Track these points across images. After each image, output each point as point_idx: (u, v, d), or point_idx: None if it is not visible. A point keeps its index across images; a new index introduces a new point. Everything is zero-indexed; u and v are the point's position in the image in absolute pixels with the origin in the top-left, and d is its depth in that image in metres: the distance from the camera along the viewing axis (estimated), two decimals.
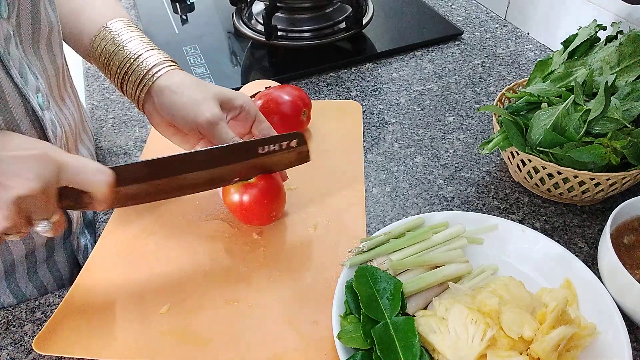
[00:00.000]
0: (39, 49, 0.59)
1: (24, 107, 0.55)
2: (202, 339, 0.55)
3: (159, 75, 0.61)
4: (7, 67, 0.52)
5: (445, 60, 0.98)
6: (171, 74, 0.61)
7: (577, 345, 0.50)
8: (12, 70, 0.52)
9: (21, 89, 0.54)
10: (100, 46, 0.63)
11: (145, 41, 0.64)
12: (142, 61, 0.61)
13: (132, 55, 0.62)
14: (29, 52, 0.57)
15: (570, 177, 0.62)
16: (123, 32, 0.63)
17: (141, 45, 0.63)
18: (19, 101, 0.54)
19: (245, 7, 1.09)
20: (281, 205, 0.65)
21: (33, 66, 0.57)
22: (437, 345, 0.48)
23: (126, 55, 0.62)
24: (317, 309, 0.57)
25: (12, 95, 0.53)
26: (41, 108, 0.57)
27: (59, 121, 0.62)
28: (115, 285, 0.60)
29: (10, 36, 0.52)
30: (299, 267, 0.61)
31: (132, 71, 0.61)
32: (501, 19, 1.09)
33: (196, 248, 0.64)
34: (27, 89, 0.54)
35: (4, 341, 0.56)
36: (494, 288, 0.53)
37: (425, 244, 0.58)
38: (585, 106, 0.62)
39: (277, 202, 0.64)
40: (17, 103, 0.54)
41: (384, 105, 0.87)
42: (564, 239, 0.65)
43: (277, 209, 0.65)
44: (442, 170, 0.75)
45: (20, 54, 0.54)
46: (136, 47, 0.62)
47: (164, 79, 0.61)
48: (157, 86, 0.61)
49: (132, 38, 0.63)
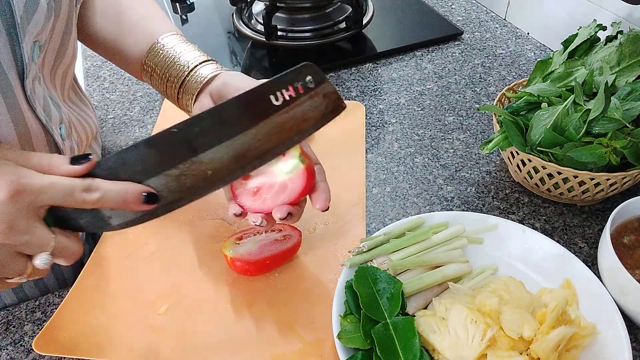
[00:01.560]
0: (55, 77, 0.59)
1: (46, 139, 0.55)
2: (201, 340, 0.55)
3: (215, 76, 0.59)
4: (33, 106, 0.52)
5: (445, 60, 0.98)
6: (225, 74, 0.60)
7: (577, 345, 0.50)
8: (37, 108, 0.53)
9: (45, 125, 0.54)
10: (154, 61, 0.62)
11: (200, 53, 0.63)
12: (199, 70, 0.60)
13: (189, 66, 0.60)
14: (49, 84, 0.58)
15: (570, 177, 0.62)
16: (177, 45, 0.62)
17: (196, 57, 0.61)
18: (42, 135, 0.55)
19: (245, 7, 1.09)
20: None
21: (54, 96, 0.58)
22: (437, 345, 0.48)
23: (182, 66, 0.60)
24: (316, 309, 0.57)
25: (36, 130, 0.53)
26: (62, 139, 0.57)
27: (78, 144, 0.62)
28: (115, 285, 0.60)
29: (37, 76, 0.53)
30: (298, 267, 0.61)
31: (188, 81, 0.60)
32: (501, 19, 1.09)
33: (196, 248, 0.64)
34: (50, 124, 0.55)
35: (4, 341, 0.56)
36: (494, 288, 0.53)
37: (425, 244, 0.58)
38: (585, 106, 0.62)
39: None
40: (41, 137, 0.54)
41: (384, 105, 0.87)
42: (564, 239, 0.65)
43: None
44: (442, 170, 0.75)
45: (43, 89, 0.55)
46: (191, 58, 0.61)
47: (220, 78, 0.59)
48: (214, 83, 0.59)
49: (187, 50, 0.62)
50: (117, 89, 0.94)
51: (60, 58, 0.58)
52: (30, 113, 0.52)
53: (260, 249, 0.59)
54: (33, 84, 0.52)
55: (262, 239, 0.60)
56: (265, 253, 0.59)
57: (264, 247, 0.59)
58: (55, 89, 0.60)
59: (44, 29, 0.50)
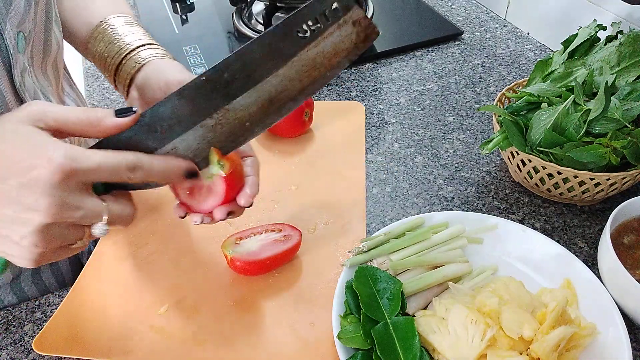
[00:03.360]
0: (46, 69, 0.59)
1: None
2: (200, 339, 0.55)
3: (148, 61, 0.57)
4: (22, 99, 0.52)
5: (445, 60, 0.98)
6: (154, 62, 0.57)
7: (577, 345, 0.50)
8: (26, 101, 0.52)
9: None
10: (97, 40, 0.60)
11: (143, 35, 0.60)
12: (138, 53, 0.58)
13: (127, 48, 0.58)
14: (39, 75, 0.57)
15: (570, 177, 0.62)
16: (122, 27, 0.60)
17: (138, 40, 0.59)
18: None
19: (245, 7, 1.09)
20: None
21: (44, 88, 0.57)
22: (437, 345, 0.48)
23: (121, 47, 0.58)
24: (316, 309, 0.57)
25: None
26: None
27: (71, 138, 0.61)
28: (115, 285, 0.60)
29: (26, 68, 0.52)
30: (298, 267, 0.61)
31: (124, 64, 0.58)
32: (501, 19, 1.09)
33: (196, 248, 0.64)
34: None
35: (4, 341, 0.56)
36: (494, 288, 0.53)
37: (425, 244, 0.58)
38: (585, 106, 0.62)
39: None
40: None
41: (384, 105, 0.87)
42: (564, 239, 0.65)
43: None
44: (442, 170, 0.75)
45: (33, 81, 0.55)
46: (132, 40, 0.59)
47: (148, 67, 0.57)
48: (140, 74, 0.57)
49: (131, 33, 0.60)
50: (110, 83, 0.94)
51: (48, 48, 0.57)
52: (18, 105, 0.51)
53: (260, 249, 0.59)
54: (22, 76, 0.51)
55: (262, 239, 0.60)
56: (266, 253, 0.59)
57: (264, 247, 0.59)
58: (48, 82, 0.59)
59: (25, 18, 0.50)
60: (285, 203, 0.69)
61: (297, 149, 0.78)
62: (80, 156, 0.38)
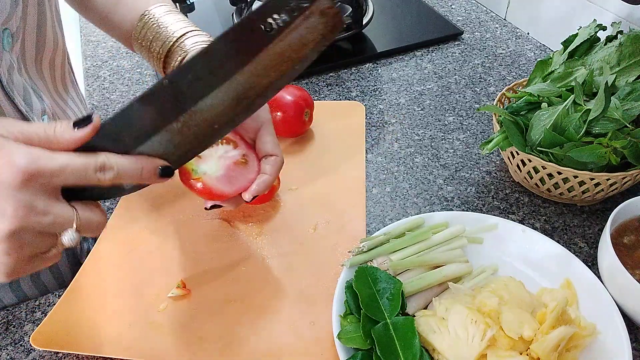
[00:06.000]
0: (41, 68, 0.58)
1: None
2: (200, 338, 0.55)
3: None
4: (11, 96, 0.52)
5: (445, 60, 0.98)
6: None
7: (577, 345, 0.50)
8: (16, 98, 0.52)
9: (26, 115, 0.54)
10: (141, 34, 0.60)
11: (185, 23, 0.60)
12: (183, 42, 0.58)
13: (172, 39, 0.58)
14: (32, 74, 0.57)
15: (570, 177, 0.62)
16: (164, 16, 0.60)
17: (181, 28, 0.59)
18: None
19: (245, 7, 1.09)
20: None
21: (37, 87, 0.57)
22: (437, 345, 0.48)
23: (167, 38, 0.58)
24: (315, 309, 0.57)
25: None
26: None
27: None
28: (115, 282, 0.60)
29: (13, 66, 0.52)
30: (298, 267, 0.61)
31: (170, 56, 0.58)
32: (501, 19, 1.09)
33: (196, 247, 0.64)
34: (32, 115, 0.54)
35: (4, 341, 0.56)
36: (494, 288, 0.53)
37: (425, 244, 0.58)
38: (585, 106, 0.62)
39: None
40: None
41: (384, 105, 0.87)
42: (564, 239, 0.65)
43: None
44: (442, 170, 0.75)
45: (24, 79, 0.54)
46: (176, 30, 0.59)
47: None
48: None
49: (174, 22, 0.60)
50: (117, 89, 0.94)
51: (42, 47, 0.57)
52: (7, 102, 0.51)
53: (226, 172, 0.52)
54: (10, 73, 0.51)
55: (221, 155, 0.53)
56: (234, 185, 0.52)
57: (229, 172, 0.52)
58: (43, 81, 0.59)
59: (11, 16, 0.49)
60: (285, 203, 0.69)
61: (297, 149, 0.78)
62: (43, 157, 0.37)
